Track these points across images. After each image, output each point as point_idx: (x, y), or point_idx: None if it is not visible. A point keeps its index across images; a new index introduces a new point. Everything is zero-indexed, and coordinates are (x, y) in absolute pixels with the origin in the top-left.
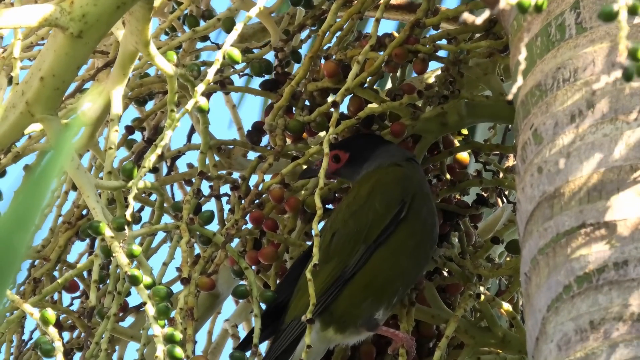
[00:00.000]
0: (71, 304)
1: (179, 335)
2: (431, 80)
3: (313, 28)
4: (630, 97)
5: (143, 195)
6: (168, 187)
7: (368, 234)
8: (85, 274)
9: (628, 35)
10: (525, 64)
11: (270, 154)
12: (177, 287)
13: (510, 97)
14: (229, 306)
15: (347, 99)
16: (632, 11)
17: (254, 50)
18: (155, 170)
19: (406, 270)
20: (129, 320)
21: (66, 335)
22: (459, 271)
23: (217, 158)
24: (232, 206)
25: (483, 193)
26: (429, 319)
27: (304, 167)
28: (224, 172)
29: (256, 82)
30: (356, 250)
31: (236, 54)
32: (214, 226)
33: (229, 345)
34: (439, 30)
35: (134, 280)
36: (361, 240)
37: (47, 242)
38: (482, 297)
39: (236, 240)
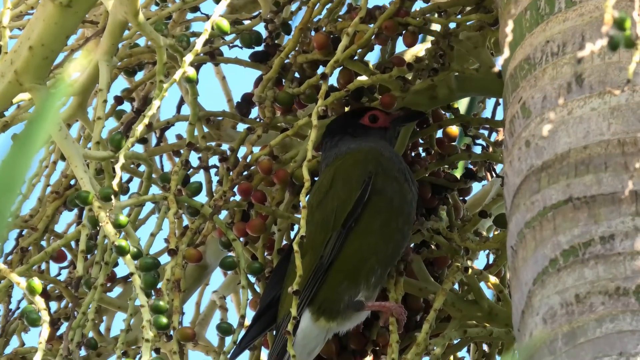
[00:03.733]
0: (59, 274)
1: (165, 306)
2: (421, 53)
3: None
4: (618, 72)
5: (132, 166)
6: (157, 158)
7: (335, 221)
8: (72, 244)
9: (616, 8)
10: (514, 37)
11: (259, 126)
12: (165, 258)
13: (496, 69)
14: (217, 278)
15: (337, 72)
16: None
17: (244, 22)
18: (144, 141)
19: (378, 249)
20: (117, 290)
21: (53, 305)
22: (446, 244)
23: (206, 129)
24: (220, 178)
25: (472, 167)
26: (417, 292)
27: (293, 139)
28: (213, 143)
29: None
30: (327, 238)
31: (225, 24)
32: (202, 198)
33: (217, 317)
34: (429, 3)
35: (121, 251)
36: (330, 228)
37: (35, 212)
38: (470, 270)
39: (224, 212)
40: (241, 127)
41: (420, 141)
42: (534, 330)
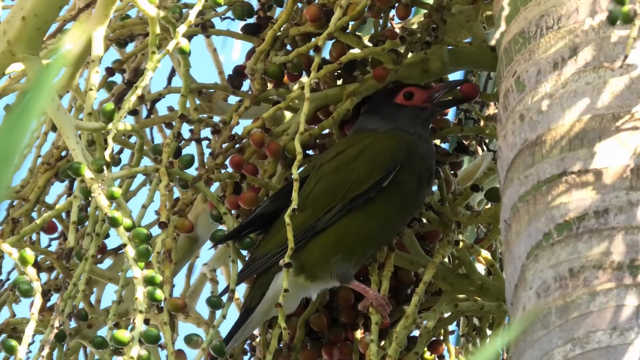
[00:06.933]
0: (49, 245)
1: (159, 277)
2: (414, 26)
3: None
4: (613, 46)
5: (123, 137)
6: (148, 130)
7: (346, 194)
8: (64, 215)
9: None
10: (509, 11)
11: (248, 98)
12: (155, 230)
13: (492, 42)
14: (208, 250)
15: (329, 45)
16: None
17: None
18: (135, 112)
19: (378, 234)
20: (107, 262)
21: (44, 276)
22: (436, 219)
23: (197, 102)
24: (212, 150)
25: (463, 141)
26: (408, 265)
27: (285, 112)
28: (205, 115)
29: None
30: (331, 206)
31: None
32: (193, 170)
33: (207, 289)
34: None
35: (114, 222)
36: (338, 198)
37: (26, 183)
38: (461, 244)
39: (216, 185)
40: (233, 99)
41: None
42: (527, 304)
